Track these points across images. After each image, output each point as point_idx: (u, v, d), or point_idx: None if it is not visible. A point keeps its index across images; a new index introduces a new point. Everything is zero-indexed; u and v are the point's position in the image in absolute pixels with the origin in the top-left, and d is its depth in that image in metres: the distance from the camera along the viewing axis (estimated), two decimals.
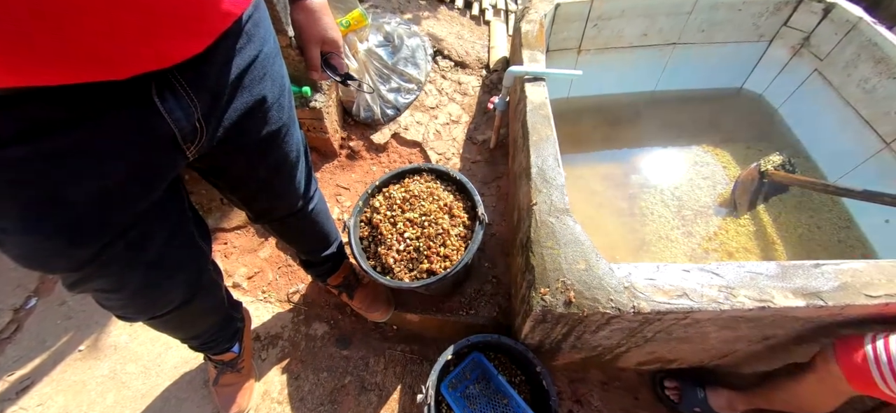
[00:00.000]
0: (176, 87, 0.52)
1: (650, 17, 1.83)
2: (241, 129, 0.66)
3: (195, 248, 0.77)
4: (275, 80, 0.69)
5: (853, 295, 0.93)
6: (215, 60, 0.56)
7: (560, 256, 0.99)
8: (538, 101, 1.31)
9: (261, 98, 0.67)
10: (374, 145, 1.75)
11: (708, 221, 1.79)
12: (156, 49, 0.46)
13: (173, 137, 0.56)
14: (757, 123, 2.08)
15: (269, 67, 0.67)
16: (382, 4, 2.07)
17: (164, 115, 0.52)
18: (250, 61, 0.63)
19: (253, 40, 0.62)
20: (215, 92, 0.58)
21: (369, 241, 1.18)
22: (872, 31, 1.55)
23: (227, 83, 0.60)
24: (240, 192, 0.84)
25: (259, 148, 0.73)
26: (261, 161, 0.76)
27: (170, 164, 0.60)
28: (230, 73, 0.59)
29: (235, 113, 0.63)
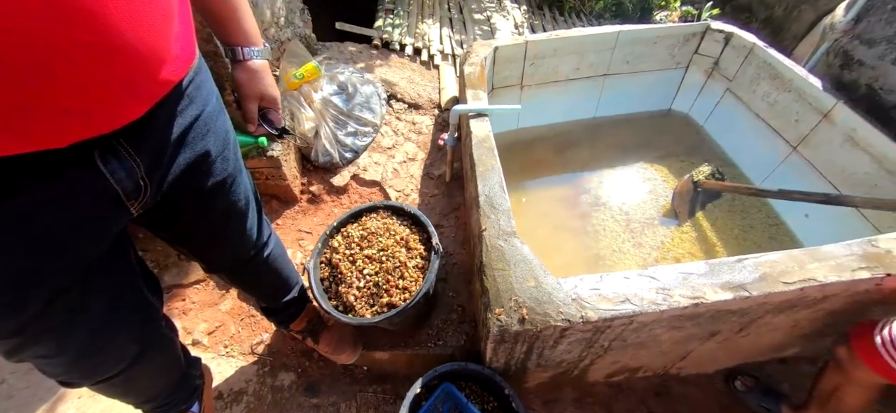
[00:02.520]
0: (118, 149, 0.55)
1: (579, 54, 2.03)
2: (187, 182, 0.69)
3: (144, 303, 0.77)
4: (218, 135, 0.73)
5: (772, 284, 1.03)
6: (157, 123, 0.60)
7: (511, 277, 1.05)
8: (482, 135, 1.41)
9: (204, 152, 0.70)
10: (334, 188, 1.79)
11: (655, 232, 1.93)
12: (94, 119, 0.49)
13: (116, 196, 0.58)
14: (687, 139, 2.29)
15: (212, 124, 0.72)
16: (336, 56, 2.17)
17: (107, 176, 0.55)
18: (192, 120, 0.67)
19: (195, 101, 0.66)
20: (158, 151, 0.62)
21: (330, 281, 1.20)
22: (765, 54, 1.80)
23: (169, 142, 0.63)
24: (191, 244, 0.85)
25: (206, 198, 0.76)
26: (208, 211, 0.79)
27: (113, 221, 0.62)
28: (172, 133, 0.63)
29: (179, 168, 0.67)
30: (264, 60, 0.84)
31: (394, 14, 2.71)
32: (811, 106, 1.67)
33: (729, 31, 1.96)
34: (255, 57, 0.81)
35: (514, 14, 3.06)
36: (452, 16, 2.87)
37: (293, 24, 2.02)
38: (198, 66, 0.67)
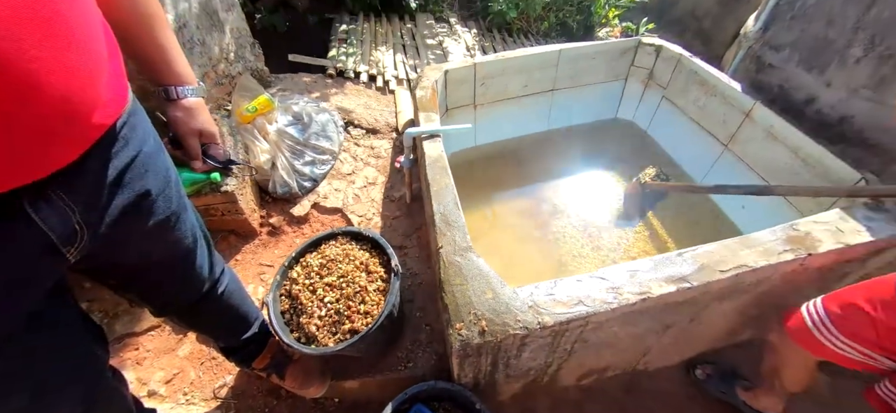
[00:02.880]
0: (50, 195, 0.54)
1: (526, 72, 2.14)
2: (127, 223, 0.68)
3: (88, 355, 0.74)
4: (158, 174, 0.73)
5: (710, 273, 1.11)
6: (91, 166, 0.59)
7: (469, 290, 1.07)
8: (435, 155, 1.45)
9: (144, 192, 0.70)
10: (295, 218, 1.77)
11: (611, 234, 2.02)
12: (23, 166, 0.49)
13: (50, 243, 0.57)
14: (633, 144, 2.44)
15: (151, 164, 0.71)
16: (290, 87, 2.18)
17: (39, 223, 0.54)
18: (129, 161, 0.66)
19: (130, 142, 0.66)
20: (93, 194, 0.61)
21: (291, 313, 1.18)
22: (691, 63, 1.97)
23: (105, 185, 0.62)
24: (137, 287, 0.83)
25: (149, 239, 0.74)
26: (152, 251, 0.77)
27: (48, 270, 0.60)
28: (107, 176, 0.62)
29: (117, 210, 0.65)
30: (199, 98, 0.85)
31: (347, 43, 2.75)
32: (734, 107, 1.84)
33: (658, 44, 2.14)
34: (190, 95, 0.83)
35: (465, 37, 3.18)
36: (405, 42, 2.95)
37: (244, 58, 2.02)
38: (131, 108, 0.67)
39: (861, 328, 0.95)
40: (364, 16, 3.06)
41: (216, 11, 1.80)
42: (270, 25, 2.84)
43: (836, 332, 0.98)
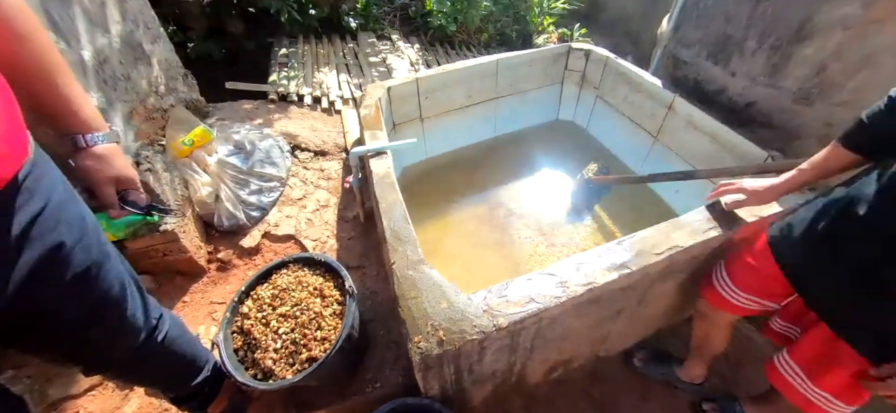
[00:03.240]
0: None
1: (467, 83, 2.21)
2: (41, 279, 0.64)
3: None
4: (72, 224, 0.69)
5: (647, 257, 1.19)
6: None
7: (424, 302, 1.08)
8: (382, 172, 1.46)
9: (56, 245, 0.65)
10: (245, 250, 1.71)
11: (563, 230, 2.11)
12: None
13: None
14: (575, 142, 2.58)
15: (62, 214, 0.67)
16: (230, 116, 2.11)
17: None
18: (35, 214, 0.62)
19: (36, 194, 0.62)
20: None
21: (244, 350, 1.13)
22: (617, 64, 2.13)
23: (9, 241, 0.58)
24: (61, 346, 0.76)
25: (69, 293, 0.70)
26: (73, 305, 0.72)
27: None
28: (11, 230, 0.59)
29: (27, 266, 0.61)
30: (112, 143, 0.81)
31: (288, 67, 2.71)
32: (658, 101, 2.00)
33: (587, 48, 2.29)
34: (101, 142, 0.78)
35: (408, 53, 3.23)
36: (348, 62, 2.94)
37: (176, 90, 1.93)
38: (34, 158, 0.64)
39: (750, 279, 1.11)
40: (304, 38, 3.03)
41: (140, 44, 1.72)
42: (205, 54, 2.73)
43: (735, 288, 1.14)
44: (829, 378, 0.97)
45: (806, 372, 1.02)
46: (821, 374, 0.99)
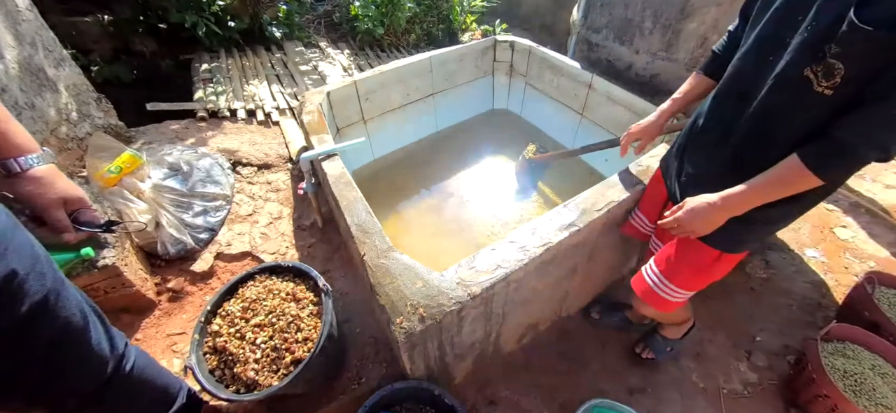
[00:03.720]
0: None
1: (404, 81, 2.29)
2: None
3: None
4: (21, 252, 0.65)
5: (590, 214, 1.36)
6: None
7: (400, 285, 1.14)
8: (337, 173, 1.48)
9: (9, 272, 0.62)
10: (198, 276, 1.61)
11: (513, 209, 2.27)
12: None
13: None
14: (513, 128, 2.77)
15: (9, 242, 0.63)
16: (157, 139, 1.96)
17: None
18: None
19: None
20: None
21: (221, 368, 1.10)
22: (539, 51, 2.34)
23: None
24: (25, 387, 0.70)
25: (25, 327, 0.65)
26: (34, 340, 0.68)
27: None
28: None
29: None
30: (49, 164, 0.76)
31: (213, 82, 2.56)
32: (579, 82, 2.24)
33: (511, 40, 2.49)
34: (36, 164, 0.74)
35: (340, 59, 3.21)
36: (278, 72, 2.86)
37: (90, 116, 1.76)
38: None
39: (649, 203, 1.36)
40: (226, 52, 2.88)
41: (42, 69, 1.55)
42: (113, 77, 2.48)
43: (641, 214, 1.40)
44: (678, 275, 1.16)
45: (663, 271, 1.19)
46: (672, 273, 1.17)
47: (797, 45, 0.77)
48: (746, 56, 0.92)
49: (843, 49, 0.68)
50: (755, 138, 0.90)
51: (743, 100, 0.91)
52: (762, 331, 1.82)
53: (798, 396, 1.53)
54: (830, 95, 0.73)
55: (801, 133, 0.81)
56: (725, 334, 1.80)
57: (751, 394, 1.62)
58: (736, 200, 0.91)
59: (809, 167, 0.78)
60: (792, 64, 0.78)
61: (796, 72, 0.77)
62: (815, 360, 1.42)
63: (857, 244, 2.20)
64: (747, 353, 1.75)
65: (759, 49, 0.88)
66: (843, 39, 0.68)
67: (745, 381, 1.66)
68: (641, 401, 1.57)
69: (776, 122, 0.85)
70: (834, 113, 0.75)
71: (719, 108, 1.01)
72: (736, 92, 0.94)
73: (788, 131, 0.83)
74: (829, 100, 0.74)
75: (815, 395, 1.43)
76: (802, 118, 0.80)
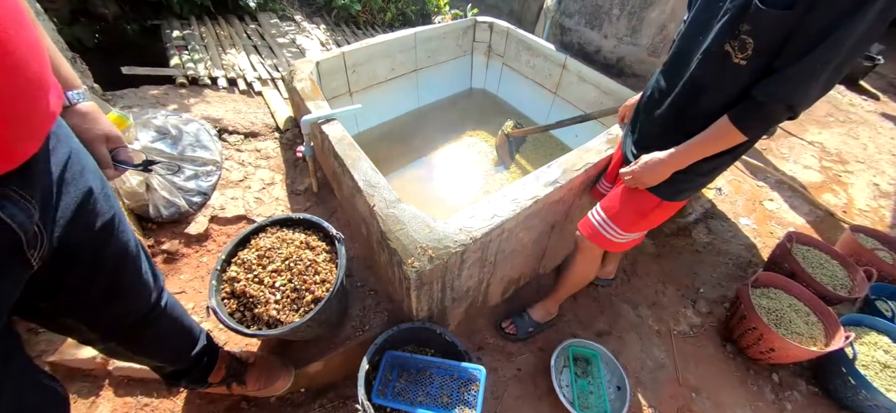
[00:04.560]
0: (9, 193, 0.52)
1: (390, 56, 2.36)
2: (77, 225, 0.65)
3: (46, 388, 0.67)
4: (94, 172, 0.70)
5: (570, 173, 1.54)
6: (39, 161, 0.57)
7: (410, 231, 1.26)
8: (338, 135, 1.55)
9: (87, 190, 0.67)
10: (193, 238, 1.62)
11: (494, 179, 2.43)
12: (10, 149, 0.48)
13: (18, 244, 0.54)
14: (490, 106, 2.93)
15: (85, 161, 0.69)
16: (137, 103, 1.90)
17: (7, 220, 0.51)
18: (66, 158, 0.64)
19: (61, 139, 0.64)
20: (45, 192, 0.58)
21: (241, 310, 1.16)
22: (517, 34, 2.50)
23: (52, 182, 0.60)
24: (83, 307, 0.75)
25: (97, 242, 0.71)
26: (101, 257, 0.73)
27: (16, 278, 0.56)
28: (52, 172, 0.60)
29: (68, 209, 0.63)
30: (91, 102, 0.80)
31: (189, 50, 2.48)
32: (553, 63, 2.43)
33: (490, 21, 2.63)
34: (82, 99, 0.77)
35: (316, 33, 3.20)
36: (256, 43, 2.81)
37: None
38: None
39: (612, 167, 1.52)
40: (197, 20, 2.78)
41: None
42: (73, 40, 2.32)
43: (605, 181, 1.57)
44: (622, 219, 1.33)
45: (609, 216, 1.34)
46: (617, 217, 1.34)
47: (719, 26, 0.97)
48: (683, 37, 1.12)
49: (752, 26, 0.88)
50: (688, 98, 1.10)
51: (680, 70, 1.11)
52: (704, 284, 2.13)
53: (732, 333, 1.83)
54: (744, 65, 0.93)
55: (724, 94, 1.01)
56: (675, 287, 2.09)
57: (695, 334, 1.90)
58: (680, 156, 1.10)
59: (734, 123, 0.98)
60: (715, 41, 0.98)
61: (719, 46, 0.96)
62: (746, 301, 1.71)
63: (781, 214, 2.59)
64: (693, 302, 2.04)
65: (692, 30, 1.08)
66: (751, 19, 0.88)
67: (691, 323, 1.94)
68: (608, 341, 1.79)
69: (705, 84, 1.05)
70: (749, 78, 0.95)
71: (663, 78, 1.21)
72: (676, 64, 1.14)
73: (714, 92, 1.03)
74: (744, 68, 0.94)
75: (745, 329, 1.72)
76: (724, 82, 1.00)
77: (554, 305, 1.75)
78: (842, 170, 3.02)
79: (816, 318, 1.73)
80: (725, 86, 1.00)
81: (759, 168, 2.86)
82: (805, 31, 0.82)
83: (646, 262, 2.17)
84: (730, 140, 1.02)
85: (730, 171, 2.78)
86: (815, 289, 1.80)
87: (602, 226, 1.38)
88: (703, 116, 1.05)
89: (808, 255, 2.02)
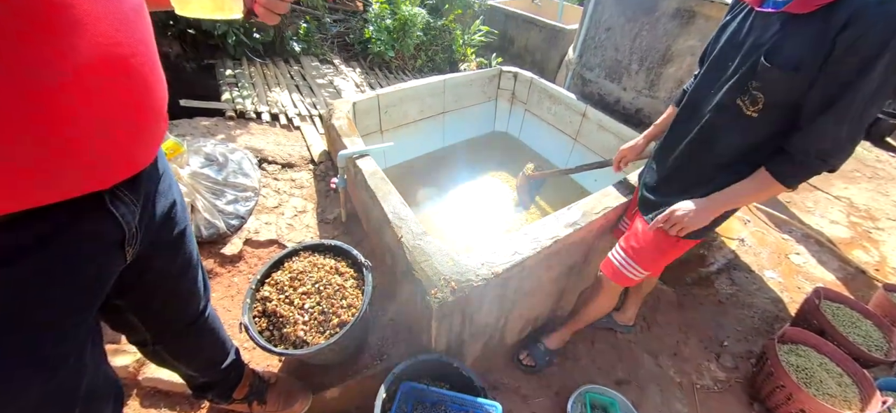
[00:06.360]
0: (121, 195, 0.62)
1: (420, 99, 2.53)
2: (160, 230, 0.75)
3: (112, 378, 0.75)
4: (176, 186, 0.81)
5: (589, 216, 1.59)
6: (146, 171, 0.67)
7: (434, 263, 1.32)
8: (371, 170, 1.67)
9: (173, 201, 0.78)
10: (227, 258, 1.73)
11: (514, 218, 2.49)
12: (131, 159, 0.58)
13: (121, 240, 0.63)
14: (512, 148, 3.03)
15: (172, 179, 0.80)
16: (190, 132, 2.09)
17: (118, 218, 0.61)
18: (162, 171, 0.75)
19: (160, 156, 0.75)
20: (146, 198, 0.69)
21: (270, 329, 1.23)
22: (540, 83, 2.64)
23: (152, 190, 0.71)
24: (148, 306, 0.84)
25: (172, 248, 0.81)
26: (173, 261, 0.83)
27: (115, 269, 0.66)
28: (152, 182, 0.71)
29: (159, 216, 0.73)
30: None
31: (239, 87, 2.72)
32: (574, 111, 2.53)
33: (515, 71, 2.79)
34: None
35: (352, 76, 3.44)
36: (298, 83, 3.05)
37: None
38: None
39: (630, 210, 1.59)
40: (247, 60, 3.06)
41: None
42: None
43: (626, 219, 1.63)
44: (643, 258, 1.37)
45: (629, 255, 1.39)
46: (638, 256, 1.38)
47: (730, 83, 1.05)
48: (696, 89, 1.21)
49: (761, 83, 0.96)
50: (701, 144, 1.17)
51: (693, 120, 1.19)
52: (729, 337, 2.07)
53: (760, 391, 1.76)
54: (757, 117, 1.00)
55: (737, 142, 1.08)
56: (697, 338, 2.04)
57: (720, 389, 1.84)
58: (721, 203, 1.14)
59: (774, 176, 1.02)
60: (726, 95, 1.06)
61: (730, 100, 1.05)
62: (773, 357, 1.66)
63: (808, 269, 2.53)
64: (716, 355, 1.99)
65: (704, 84, 1.17)
66: (759, 76, 0.96)
67: (715, 378, 1.89)
68: (627, 391, 1.75)
69: (717, 134, 1.12)
70: (764, 128, 1.02)
71: (677, 126, 1.29)
72: (688, 115, 1.22)
73: (726, 141, 1.10)
74: (757, 120, 1.01)
75: (774, 387, 1.66)
76: (736, 132, 1.07)
77: (569, 334, 1.76)
78: (872, 226, 2.93)
79: (850, 380, 1.65)
80: (738, 135, 1.07)
81: (783, 221, 2.82)
82: (820, 92, 0.89)
83: (667, 311, 2.14)
84: (771, 190, 1.06)
85: (753, 222, 2.75)
86: (847, 349, 1.74)
87: (623, 265, 1.43)
88: (715, 162, 1.13)
89: (838, 312, 1.96)
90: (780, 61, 0.91)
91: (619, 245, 1.47)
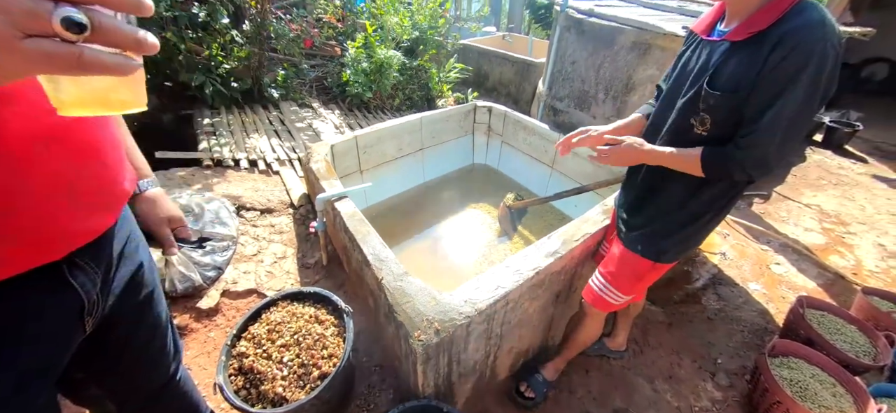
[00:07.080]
0: (80, 263, 0.59)
1: (397, 137, 2.57)
2: (125, 296, 0.72)
3: None
4: (145, 247, 0.78)
5: (569, 243, 1.59)
6: (107, 236, 0.65)
7: (416, 304, 1.29)
8: (350, 211, 1.65)
9: (139, 264, 0.75)
10: (203, 312, 1.66)
11: (497, 249, 2.48)
12: (87, 226, 0.56)
13: (81, 310, 0.60)
14: (493, 179, 3.07)
15: (140, 238, 0.77)
16: (165, 183, 2.06)
17: (77, 288, 0.58)
18: (128, 234, 0.72)
19: (126, 218, 0.73)
20: (108, 264, 0.66)
21: (248, 387, 1.17)
22: (513, 115, 2.72)
23: (114, 255, 0.68)
24: (112, 375, 0.79)
25: (138, 312, 0.77)
26: (139, 325, 0.78)
27: (73, 340, 0.62)
28: (114, 247, 0.68)
29: (122, 281, 0.70)
30: (159, 188, 0.90)
31: (217, 135, 2.71)
32: (548, 140, 2.60)
33: (489, 105, 2.87)
34: (151, 187, 0.87)
35: (331, 118, 3.48)
36: (277, 128, 3.06)
37: None
38: None
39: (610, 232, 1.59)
40: (226, 109, 3.07)
41: None
42: None
43: (606, 244, 1.63)
44: (621, 282, 1.40)
45: (608, 281, 1.42)
46: (616, 281, 1.40)
47: (682, 105, 1.14)
48: (656, 112, 1.29)
49: (706, 106, 1.06)
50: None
51: (654, 138, 1.26)
52: (721, 354, 2.06)
53: (757, 409, 1.74)
54: (706, 135, 1.09)
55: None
56: (690, 358, 2.02)
57: (718, 410, 1.81)
58: (651, 155, 1.20)
59: (700, 157, 1.08)
60: (680, 116, 1.14)
61: (684, 121, 1.13)
62: (766, 373, 1.65)
63: (790, 278, 2.57)
64: (711, 374, 1.96)
65: (662, 106, 1.25)
66: (704, 101, 1.05)
67: (713, 398, 1.86)
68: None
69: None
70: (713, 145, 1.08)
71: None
72: (650, 133, 1.30)
73: None
74: (706, 137, 1.09)
75: (770, 404, 1.64)
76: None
77: (563, 363, 1.75)
78: (844, 231, 3.03)
79: (844, 390, 1.65)
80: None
81: (760, 232, 2.89)
82: (754, 106, 0.98)
83: (657, 332, 2.12)
84: (692, 166, 1.12)
85: (732, 235, 2.81)
86: (836, 357, 1.74)
87: (603, 290, 1.44)
88: (676, 177, 1.20)
89: (823, 320, 1.98)
90: (721, 84, 1.01)
91: (598, 270, 1.48)
